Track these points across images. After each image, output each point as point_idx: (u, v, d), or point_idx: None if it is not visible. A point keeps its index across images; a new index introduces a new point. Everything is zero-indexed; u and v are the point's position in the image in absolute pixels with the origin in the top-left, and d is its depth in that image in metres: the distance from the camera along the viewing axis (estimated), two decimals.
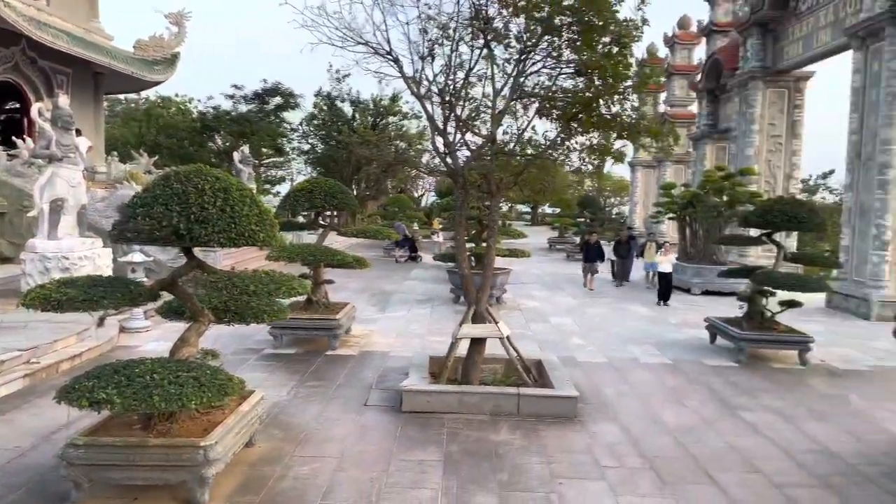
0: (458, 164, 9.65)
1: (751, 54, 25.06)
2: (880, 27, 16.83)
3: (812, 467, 7.23)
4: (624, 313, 17.13)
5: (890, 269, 16.78)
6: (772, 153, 25.24)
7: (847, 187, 19.06)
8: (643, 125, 10.42)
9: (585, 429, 8.26)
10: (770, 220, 12.52)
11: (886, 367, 11.96)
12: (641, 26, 9.40)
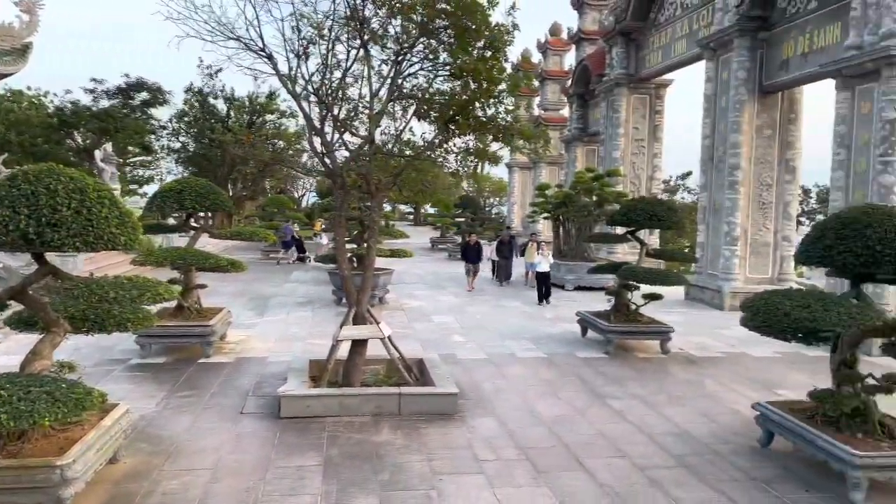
0: (336, 165, 9.53)
1: (616, 62, 26.39)
2: (729, 39, 18.20)
3: (671, 449, 7.71)
4: (503, 311, 17.56)
5: (740, 263, 18.21)
6: (636, 155, 26.69)
7: (702, 187, 20.48)
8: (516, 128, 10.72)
9: (465, 424, 8.38)
10: (633, 219, 13.25)
11: (736, 353, 12.95)
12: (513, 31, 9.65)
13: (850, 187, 14.29)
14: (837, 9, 15.06)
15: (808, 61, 16.17)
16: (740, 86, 17.91)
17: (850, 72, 14.00)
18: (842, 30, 14.81)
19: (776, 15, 17.36)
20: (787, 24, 17.00)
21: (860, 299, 7.36)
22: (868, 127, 13.72)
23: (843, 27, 14.75)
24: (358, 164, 9.67)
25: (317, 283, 21.67)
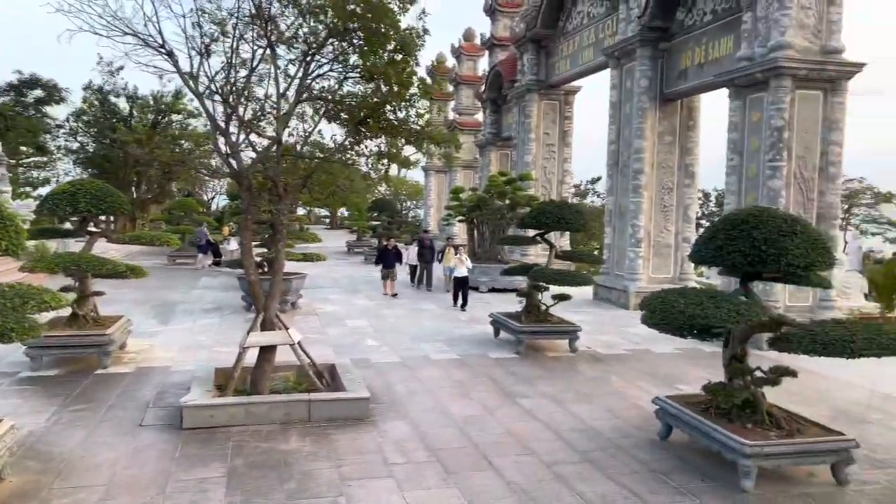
0: (242, 167, 9.29)
1: (527, 68, 26.93)
2: (632, 49, 18.91)
3: (577, 445, 7.90)
4: (418, 313, 17.58)
5: (644, 264, 18.90)
6: (547, 160, 27.30)
7: (608, 191, 21.17)
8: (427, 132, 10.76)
9: (376, 428, 8.32)
10: (543, 222, 13.55)
11: (640, 350, 13.43)
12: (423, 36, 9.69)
13: (743, 191, 15.10)
14: (730, 22, 15.90)
15: (704, 71, 16.99)
16: (643, 94, 18.62)
17: (742, 82, 14.80)
18: (734, 42, 15.64)
19: (675, 26, 18.16)
20: (685, 36, 17.82)
21: (749, 296, 7.75)
22: (758, 134, 14.53)
23: (735, 39, 15.58)
24: (265, 166, 9.47)
25: (225, 289, 21.05)
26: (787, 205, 13.97)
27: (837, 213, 15.15)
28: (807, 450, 6.89)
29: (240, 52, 9.25)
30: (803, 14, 14.00)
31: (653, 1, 17.80)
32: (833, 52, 14.08)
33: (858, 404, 10.02)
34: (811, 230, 7.61)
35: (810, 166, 14.37)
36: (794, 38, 13.86)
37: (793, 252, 7.14)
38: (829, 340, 6.66)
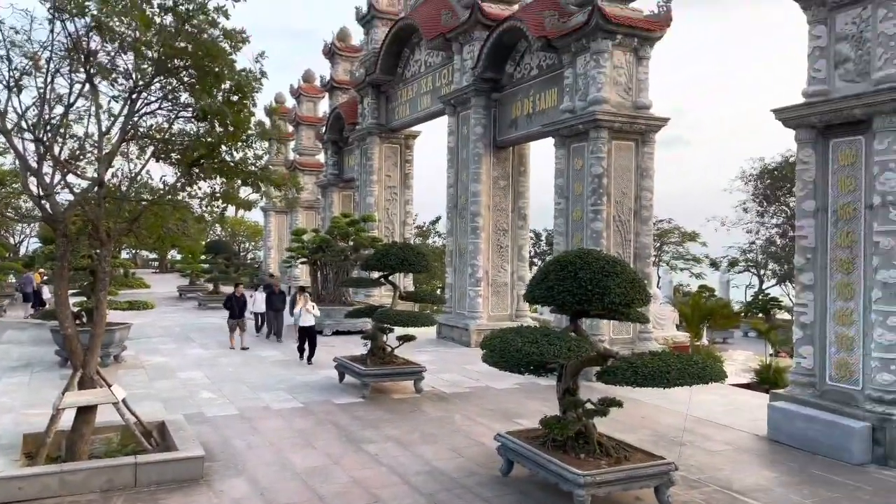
0: (57, 209, 8.49)
1: (368, 112, 27.20)
2: (467, 98, 19.70)
3: (424, 488, 7.83)
4: (258, 361, 16.79)
5: (483, 302, 19.46)
6: (389, 202, 27.55)
7: (448, 232, 21.69)
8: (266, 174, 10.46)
9: (212, 488, 7.77)
10: (386, 264, 13.56)
11: (482, 386, 13.70)
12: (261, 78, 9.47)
13: (570, 232, 16.05)
14: (554, 76, 17.05)
15: (532, 121, 18.03)
16: (478, 140, 19.40)
17: (566, 132, 15.86)
18: (558, 95, 16.77)
19: (506, 78, 19.18)
20: (514, 87, 18.86)
21: (578, 333, 8.15)
22: (581, 180, 15.57)
23: (559, 92, 16.72)
24: (85, 209, 8.71)
25: (36, 343, 18.77)
26: (608, 245, 15.01)
27: (650, 252, 16.50)
28: (633, 475, 7.27)
29: (55, 87, 8.54)
30: (616, 73, 15.32)
31: (485, 54, 18.71)
32: (642, 108, 15.49)
33: (675, 428, 10.60)
34: (629, 270, 8.18)
35: (626, 210, 15.58)
36: (609, 94, 15.11)
37: (614, 291, 7.62)
38: (648, 372, 7.16)
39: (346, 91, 31.84)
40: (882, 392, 9.21)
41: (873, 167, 9.40)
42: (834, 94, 9.87)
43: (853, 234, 9.72)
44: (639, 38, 15.36)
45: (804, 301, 10.32)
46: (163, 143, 9.47)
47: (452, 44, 20.39)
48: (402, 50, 25.28)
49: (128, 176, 9.42)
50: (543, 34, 16.14)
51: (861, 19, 9.69)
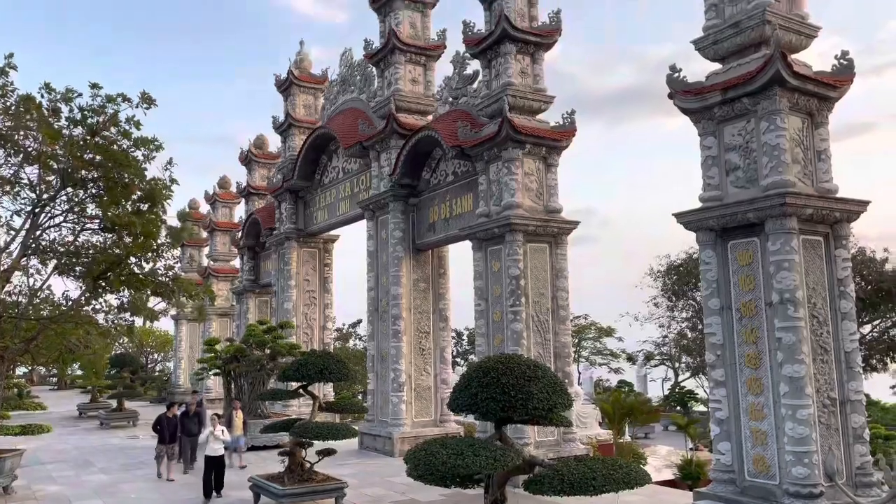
0: None
1: (285, 217, 27.18)
2: (385, 203, 20.04)
3: None
4: (165, 486, 15.55)
5: (407, 408, 19.07)
6: (308, 306, 27.16)
7: (369, 336, 21.42)
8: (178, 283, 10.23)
9: None
10: (305, 374, 13.22)
11: (406, 500, 13.17)
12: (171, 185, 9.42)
13: (491, 333, 16.18)
14: (469, 182, 17.65)
15: (450, 225, 18.46)
16: (397, 244, 19.61)
17: (482, 235, 16.29)
18: (474, 200, 17.31)
19: (422, 184, 19.70)
20: (431, 193, 19.37)
21: (503, 440, 8.11)
22: (499, 282, 15.88)
23: (474, 198, 17.26)
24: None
25: None
26: (528, 345, 15.19)
27: (570, 351, 16.76)
28: None
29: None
30: (527, 179, 16.03)
31: (401, 161, 19.24)
32: (554, 211, 16.17)
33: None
34: (550, 374, 8.30)
35: (544, 310, 15.91)
36: (522, 199, 15.72)
37: (537, 396, 7.69)
38: (574, 480, 7.14)
39: (263, 197, 31.81)
40: (798, 486, 9.42)
41: (769, 266, 10.01)
42: (727, 199, 10.57)
43: (757, 331, 10.20)
44: (546, 147, 16.23)
45: (718, 397, 10.58)
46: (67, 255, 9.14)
47: (370, 151, 20.92)
48: (319, 157, 25.71)
49: (26, 293, 9.00)
50: (457, 143, 16.83)
51: (746, 131, 10.59)
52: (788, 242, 9.84)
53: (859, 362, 10.28)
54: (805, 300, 9.89)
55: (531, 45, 16.61)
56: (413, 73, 20.55)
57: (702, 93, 10.85)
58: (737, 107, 10.58)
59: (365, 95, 22.16)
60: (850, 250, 10.67)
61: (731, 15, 10.84)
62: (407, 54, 20.38)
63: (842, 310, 10.30)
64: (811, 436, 9.52)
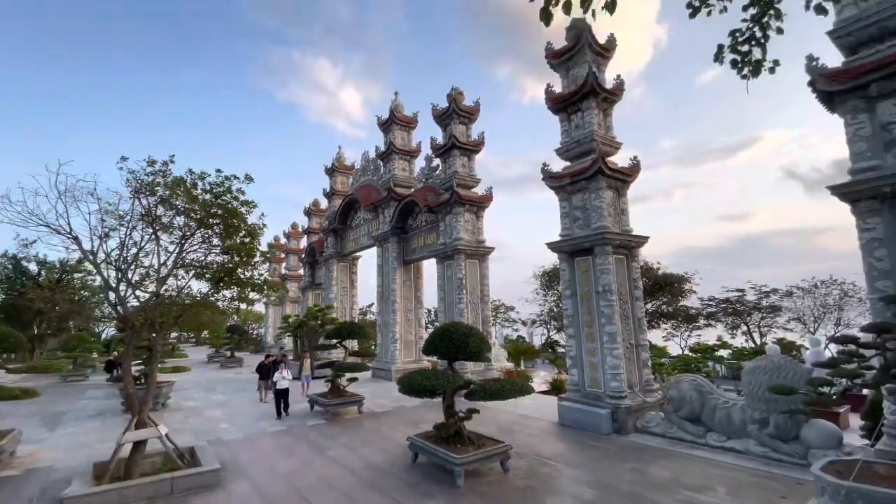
0: (127, 312, 7.65)
1: (330, 245, 26.74)
2: (387, 237, 19.93)
3: (364, 476, 7.25)
4: (260, 404, 15.06)
5: (399, 353, 18.84)
6: (342, 296, 26.63)
7: (378, 313, 21.06)
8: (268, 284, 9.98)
9: (225, 490, 6.81)
10: (340, 334, 12.97)
11: (399, 406, 13.00)
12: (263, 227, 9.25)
13: (446, 311, 16.17)
14: (435, 226, 17.69)
15: (424, 249, 18.44)
16: (394, 261, 19.50)
17: (442, 256, 16.33)
18: (437, 236, 17.35)
19: (409, 227, 19.67)
20: (413, 232, 19.35)
21: (453, 370, 8.11)
22: (451, 282, 15.92)
23: (437, 234, 17.31)
24: (146, 312, 7.90)
25: (108, 398, 16.04)
26: (467, 317, 15.23)
27: (490, 320, 16.85)
28: (488, 455, 7.13)
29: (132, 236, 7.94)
30: (466, 224, 16.19)
31: (396, 214, 19.21)
32: (481, 242, 16.33)
33: (510, 422, 10.61)
34: (479, 333, 8.32)
35: (476, 297, 16.01)
36: (464, 235, 15.86)
37: (472, 345, 7.73)
38: (492, 391, 7.19)
39: (317, 233, 31.29)
40: (613, 392, 9.67)
41: (597, 272, 10.32)
42: (574, 235, 10.88)
43: (591, 307, 10.48)
44: (477, 206, 16.43)
45: (571, 344, 10.82)
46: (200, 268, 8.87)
47: (378, 208, 20.82)
48: (349, 211, 25.44)
49: (175, 289, 8.71)
50: (427, 205, 16.91)
51: (584, 198, 10.92)
52: (606, 258, 10.16)
53: (644, 324, 10.67)
54: (616, 290, 10.22)
55: (468, 150, 16.87)
56: (402, 165, 20.62)
57: (561, 178, 11.20)
58: (579, 185, 10.93)
59: (375, 178, 22.10)
60: (640, 263, 11.01)
61: (575, 136, 11.24)
62: (399, 154, 20.44)
63: (635, 295, 10.65)
64: (620, 365, 9.79)
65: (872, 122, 6.51)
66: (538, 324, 34.90)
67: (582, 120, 11.06)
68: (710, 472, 6.90)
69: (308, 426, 10.96)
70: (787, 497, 5.85)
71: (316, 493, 6.60)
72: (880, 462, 5.29)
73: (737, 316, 26.24)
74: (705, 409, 8.43)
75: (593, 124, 10.80)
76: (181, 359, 18.54)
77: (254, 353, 35.83)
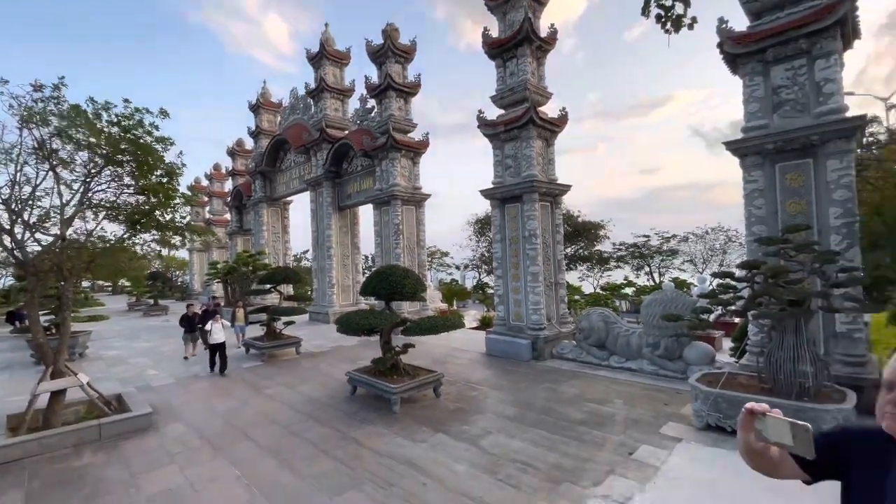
0: (27, 257, 6.84)
1: (258, 189, 25.04)
2: (320, 181, 19.09)
3: (303, 410, 7.49)
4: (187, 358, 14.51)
5: (336, 297, 18.85)
6: (274, 242, 25.52)
7: (314, 259, 20.62)
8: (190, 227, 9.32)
9: (159, 432, 6.72)
10: (274, 279, 12.66)
11: (337, 346, 13.21)
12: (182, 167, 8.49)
13: (384, 255, 16.25)
14: (371, 171, 17.22)
15: (360, 195, 18.00)
16: (328, 206, 18.87)
17: (379, 202, 16.10)
18: (373, 181, 16.97)
19: (343, 172, 18.92)
20: (349, 176, 18.69)
21: (390, 310, 8.39)
22: (389, 228, 15.90)
23: (374, 180, 16.92)
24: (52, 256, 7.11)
25: (14, 350, 14.47)
26: (403, 261, 15.48)
27: (426, 264, 17.28)
28: (422, 383, 7.67)
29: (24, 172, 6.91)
30: (403, 170, 15.95)
31: (329, 157, 18.34)
32: (418, 189, 16.28)
33: (443, 355, 11.20)
34: (415, 275, 8.58)
35: (412, 242, 16.22)
36: (400, 181, 15.67)
37: (408, 286, 7.98)
38: (426, 326, 7.59)
39: (243, 176, 28.97)
40: (533, 325, 10.64)
41: (525, 217, 10.90)
42: (506, 183, 11.22)
43: (518, 250, 11.14)
44: (413, 152, 16.17)
45: (499, 284, 11.52)
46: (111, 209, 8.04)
47: (310, 150, 19.68)
48: (278, 153, 23.74)
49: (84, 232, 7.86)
50: (363, 148, 16.31)
51: (516, 147, 11.20)
52: (534, 205, 10.72)
53: (563, 265, 11.57)
54: (541, 234, 10.92)
55: (404, 92, 16.24)
56: (335, 105, 19.40)
57: (495, 126, 11.30)
58: (512, 134, 11.15)
59: (306, 117, 20.62)
60: (562, 210, 11.75)
61: (510, 84, 11.27)
62: (331, 92, 19.14)
63: (556, 240, 11.44)
64: (541, 301, 10.71)
65: (766, 85, 7.03)
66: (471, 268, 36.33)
67: (517, 67, 11.07)
68: (611, 387, 8.06)
69: (244, 368, 10.84)
70: (669, 404, 7.07)
71: (255, 427, 6.74)
72: (742, 373, 6.57)
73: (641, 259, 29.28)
74: (609, 336, 9.64)
75: (527, 73, 10.87)
76: (97, 307, 16.94)
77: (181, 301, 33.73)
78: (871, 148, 9.01)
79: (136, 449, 6.05)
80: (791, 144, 6.85)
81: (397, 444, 5.91)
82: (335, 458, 5.55)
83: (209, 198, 34.74)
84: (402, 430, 6.36)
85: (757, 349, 6.88)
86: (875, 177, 7.68)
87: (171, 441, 6.30)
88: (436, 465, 5.22)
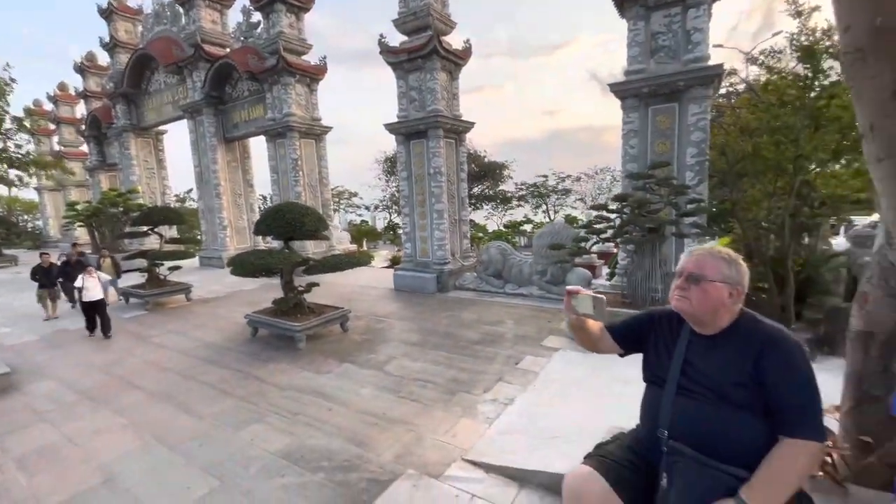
0: None
1: (121, 115, 20.98)
2: (200, 108, 16.63)
3: (200, 355, 7.13)
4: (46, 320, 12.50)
5: (230, 239, 17.44)
6: (149, 179, 22.09)
7: (199, 198, 18.46)
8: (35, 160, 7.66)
9: (24, 392, 5.93)
10: (152, 220, 11.22)
11: (235, 291, 12.50)
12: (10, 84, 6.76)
13: (281, 194, 15.19)
14: (260, 97, 15.41)
15: (249, 125, 16.17)
16: (212, 137, 16.70)
17: (272, 133, 14.67)
18: (264, 109, 15.27)
19: (227, 96, 16.65)
20: (234, 102, 16.53)
21: (290, 249, 8.05)
22: (284, 162, 14.72)
23: (264, 107, 15.22)
24: None
25: None
26: (304, 200, 14.67)
27: (330, 203, 16.53)
28: (328, 319, 7.71)
29: None
30: (298, 97, 14.55)
31: (209, 79, 15.91)
32: (317, 120, 15.09)
33: (350, 293, 11.30)
34: (316, 213, 8.21)
35: (314, 179, 15.32)
36: (296, 110, 14.33)
37: (307, 224, 7.68)
38: (331, 264, 7.50)
39: (100, 99, 23.91)
40: (438, 260, 11.12)
41: (430, 154, 10.88)
42: (410, 118, 10.97)
43: (423, 188, 11.23)
44: (310, 77, 14.73)
45: (406, 222, 11.66)
46: None
47: (184, 70, 16.78)
48: (143, 71, 19.81)
49: None
50: (248, 69, 14.37)
51: (420, 79, 10.84)
52: (438, 142, 10.71)
53: (467, 202, 11.96)
54: (446, 172, 11.07)
55: (296, 6, 14.35)
56: (212, 16, 16.48)
57: (398, 53, 10.73)
58: (416, 63, 10.70)
59: (176, 29, 17.27)
60: (467, 149, 11.92)
61: (412, 7, 10.60)
62: (207, 0, 16.15)
63: (460, 177, 11.70)
64: (445, 237, 11.12)
65: (646, 31, 7.40)
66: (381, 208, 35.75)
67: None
68: (504, 311, 8.92)
69: (124, 318, 9.84)
70: (552, 321, 8.08)
71: (143, 377, 6.29)
72: (610, 292, 7.68)
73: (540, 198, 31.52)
74: (505, 266, 10.48)
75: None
76: None
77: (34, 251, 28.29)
78: (730, 97, 10.37)
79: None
80: (662, 89, 7.62)
81: (303, 377, 5.99)
82: (237, 396, 5.48)
83: (57, 125, 28.30)
84: (309, 365, 6.43)
85: (622, 271, 8.05)
86: (728, 123, 8.93)
87: (40, 399, 5.63)
88: (341, 391, 5.44)
